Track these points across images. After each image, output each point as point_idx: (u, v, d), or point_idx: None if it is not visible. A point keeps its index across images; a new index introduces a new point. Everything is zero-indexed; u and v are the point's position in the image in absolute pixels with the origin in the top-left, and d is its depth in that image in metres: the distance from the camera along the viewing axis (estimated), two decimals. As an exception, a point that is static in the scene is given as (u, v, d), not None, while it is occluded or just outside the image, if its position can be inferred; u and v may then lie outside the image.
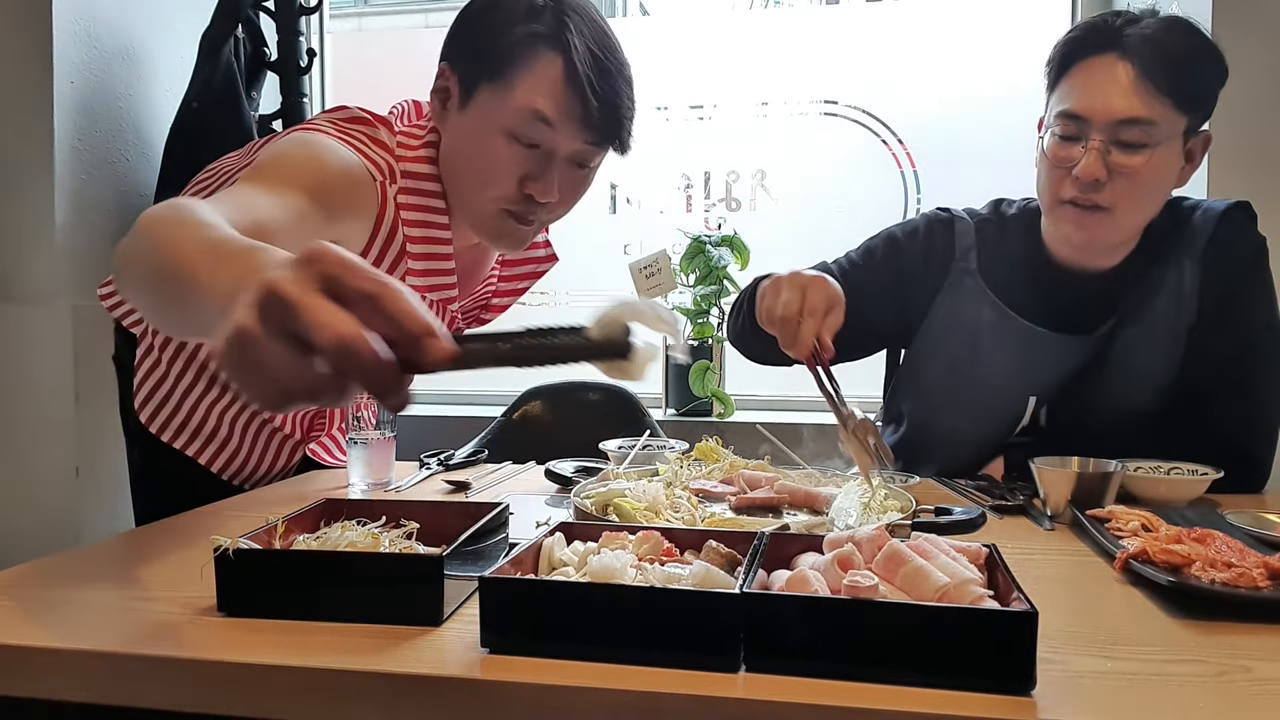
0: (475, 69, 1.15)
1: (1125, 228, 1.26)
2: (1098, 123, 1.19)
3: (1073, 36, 1.26)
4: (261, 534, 0.78)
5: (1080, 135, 1.21)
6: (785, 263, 1.26)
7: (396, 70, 2.55)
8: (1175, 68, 1.17)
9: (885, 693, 0.59)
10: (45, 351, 1.59)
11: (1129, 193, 1.21)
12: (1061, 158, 1.23)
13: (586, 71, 1.11)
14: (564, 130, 1.14)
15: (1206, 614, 0.75)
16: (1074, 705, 0.59)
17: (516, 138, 1.14)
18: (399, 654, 0.67)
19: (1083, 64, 1.22)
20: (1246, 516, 0.99)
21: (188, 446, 1.33)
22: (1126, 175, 1.19)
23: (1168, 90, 1.17)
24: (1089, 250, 1.30)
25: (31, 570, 0.89)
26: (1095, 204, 1.21)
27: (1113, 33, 1.21)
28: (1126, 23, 1.21)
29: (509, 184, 1.16)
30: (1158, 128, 1.18)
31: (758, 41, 2.43)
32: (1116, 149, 1.19)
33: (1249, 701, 0.60)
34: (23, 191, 1.60)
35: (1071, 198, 1.23)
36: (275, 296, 0.51)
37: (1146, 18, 1.22)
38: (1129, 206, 1.22)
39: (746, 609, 0.63)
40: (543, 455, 1.40)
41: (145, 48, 1.80)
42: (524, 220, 1.20)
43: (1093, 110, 1.19)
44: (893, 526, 0.83)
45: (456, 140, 1.19)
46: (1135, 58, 1.18)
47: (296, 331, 0.50)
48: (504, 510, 0.89)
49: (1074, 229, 1.26)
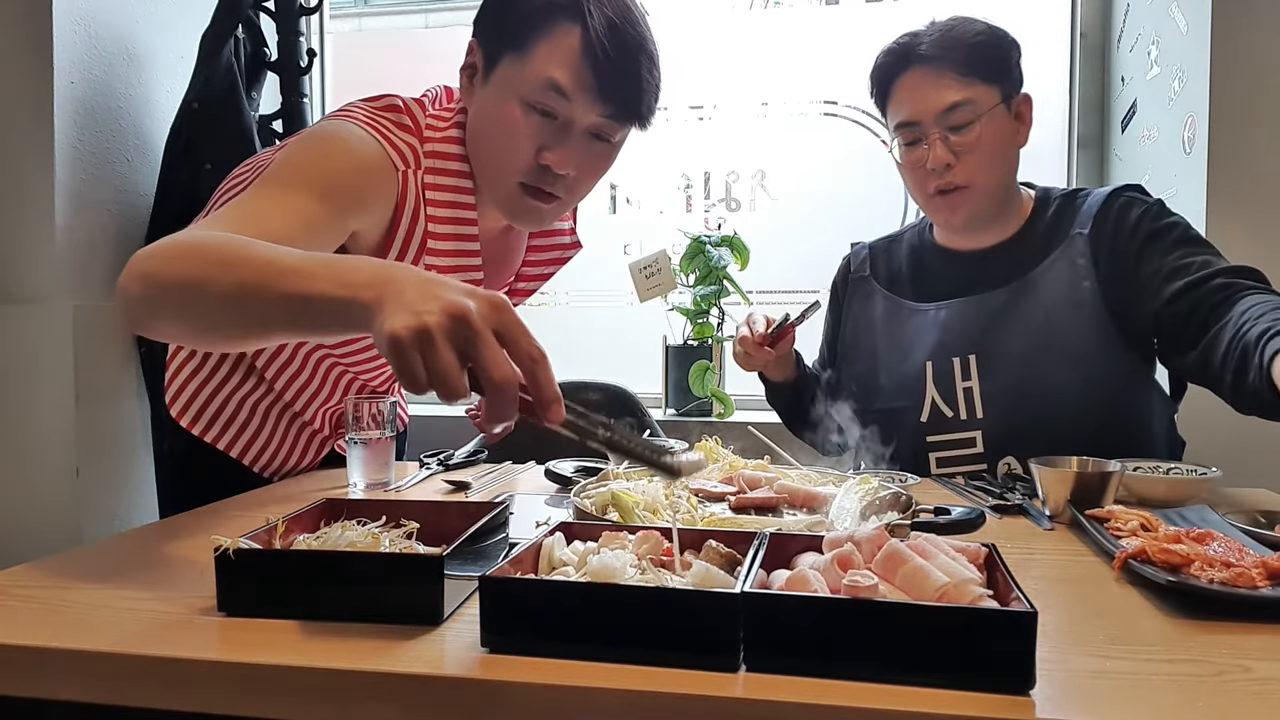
0: (497, 41, 1.17)
1: (989, 194, 1.41)
2: (927, 120, 1.38)
3: (880, 64, 1.45)
4: (261, 534, 0.79)
5: (919, 137, 1.39)
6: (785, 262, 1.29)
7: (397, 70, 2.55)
8: (965, 53, 1.37)
9: (885, 693, 0.59)
10: (45, 351, 1.59)
11: (977, 163, 1.38)
12: (913, 161, 1.41)
13: (603, 42, 1.11)
14: (580, 101, 1.14)
15: (1205, 614, 0.75)
16: (1073, 705, 0.59)
17: (533, 106, 1.15)
18: (399, 654, 0.67)
19: (897, 84, 1.42)
20: (1246, 516, 0.99)
21: (219, 440, 1.36)
22: (968, 151, 1.37)
23: (967, 71, 1.36)
24: (969, 228, 1.45)
25: (31, 570, 0.89)
26: (954, 185, 1.39)
27: (907, 52, 1.41)
28: (914, 40, 1.41)
29: (526, 153, 1.16)
30: (975, 104, 1.36)
31: (758, 41, 2.43)
32: (951, 134, 1.37)
33: (1248, 701, 0.60)
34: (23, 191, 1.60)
35: (935, 188, 1.40)
36: (468, 324, 0.68)
37: (928, 29, 1.41)
38: (983, 174, 1.39)
39: (746, 609, 0.63)
40: (543, 455, 1.40)
41: (145, 48, 1.80)
42: (544, 195, 1.20)
43: (919, 112, 1.38)
44: (892, 526, 0.83)
45: (479, 112, 1.20)
46: (932, 61, 1.38)
47: (468, 353, 0.68)
48: (504, 510, 0.89)
49: (948, 213, 1.43)
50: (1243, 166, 1.70)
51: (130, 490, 1.69)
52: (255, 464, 1.40)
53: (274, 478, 1.43)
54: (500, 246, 1.37)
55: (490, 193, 1.23)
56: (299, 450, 1.45)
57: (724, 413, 2.22)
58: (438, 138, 1.21)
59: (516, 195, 1.20)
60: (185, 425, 1.34)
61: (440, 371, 0.67)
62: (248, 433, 1.38)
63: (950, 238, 1.51)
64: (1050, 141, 2.27)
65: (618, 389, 1.93)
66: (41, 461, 1.59)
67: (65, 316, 1.59)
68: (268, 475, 1.42)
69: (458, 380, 0.68)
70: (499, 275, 1.41)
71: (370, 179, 1.13)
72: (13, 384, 1.60)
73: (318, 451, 1.48)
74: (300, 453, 1.45)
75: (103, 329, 1.64)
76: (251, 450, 1.39)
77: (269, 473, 1.42)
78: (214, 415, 1.36)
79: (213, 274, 0.84)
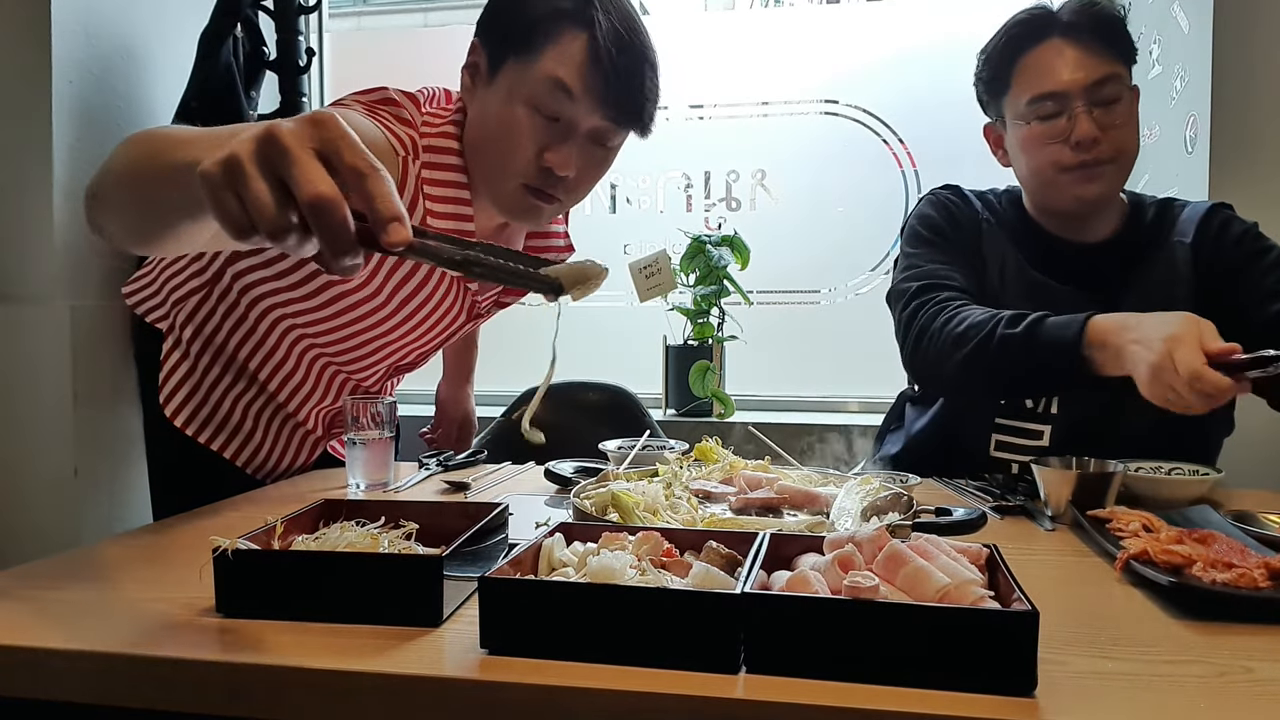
0: (503, 43, 1.18)
1: (1124, 176, 1.37)
2: (1075, 91, 1.31)
3: (1011, 34, 1.38)
4: (260, 534, 0.78)
5: (1061, 110, 1.32)
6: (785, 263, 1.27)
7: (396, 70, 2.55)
8: (1109, 30, 1.34)
9: (885, 693, 0.59)
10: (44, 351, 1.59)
11: (1121, 141, 1.33)
12: (1051, 133, 1.34)
13: (609, 47, 1.13)
14: (584, 103, 1.16)
15: (1207, 614, 0.75)
16: (1075, 706, 0.58)
17: (538, 109, 1.16)
18: (399, 654, 0.67)
19: (1031, 53, 1.35)
20: (1247, 517, 0.99)
21: (212, 441, 1.36)
22: (1115, 127, 1.32)
23: (1113, 48, 1.33)
24: (1097, 208, 1.38)
25: (31, 570, 0.89)
26: (1097, 159, 1.32)
27: (1047, 21, 1.35)
28: (1050, 13, 1.36)
29: (528, 155, 1.18)
30: (1121, 80, 1.33)
31: (758, 41, 2.43)
32: (1098, 109, 1.31)
33: (1250, 702, 0.60)
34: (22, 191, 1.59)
35: (1076, 163, 1.32)
36: (276, 142, 0.60)
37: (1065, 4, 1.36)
38: (1124, 153, 1.34)
39: (746, 609, 0.63)
40: (543, 455, 1.40)
41: (145, 47, 1.80)
42: (544, 196, 1.22)
43: (1067, 83, 1.31)
44: (893, 527, 0.83)
45: (482, 112, 1.21)
46: (1077, 33, 1.33)
47: (283, 177, 0.60)
48: (504, 510, 0.89)
49: (1084, 185, 1.34)
50: (1244, 166, 1.70)
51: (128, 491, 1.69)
52: (248, 465, 1.39)
53: (266, 479, 1.42)
54: (497, 239, 1.37)
55: (491, 192, 1.24)
56: (291, 451, 1.45)
57: (724, 413, 2.22)
58: (434, 133, 1.22)
59: (519, 195, 1.21)
60: (179, 425, 1.34)
61: (252, 199, 0.60)
62: (241, 434, 1.37)
63: (1056, 222, 1.42)
64: (1051, 141, 2.27)
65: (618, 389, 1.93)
66: (39, 462, 1.59)
67: (63, 317, 1.59)
68: (260, 477, 1.41)
69: (269, 207, 0.60)
70: None
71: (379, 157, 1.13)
72: (10, 385, 1.60)
73: (310, 453, 1.47)
74: (293, 454, 1.45)
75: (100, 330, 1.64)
76: (245, 451, 1.38)
77: (262, 474, 1.42)
78: (207, 416, 1.35)
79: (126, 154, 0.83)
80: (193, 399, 1.34)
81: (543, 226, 1.35)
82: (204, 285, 1.34)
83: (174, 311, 1.35)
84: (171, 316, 1.36)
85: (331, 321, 1.31)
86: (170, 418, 1.34)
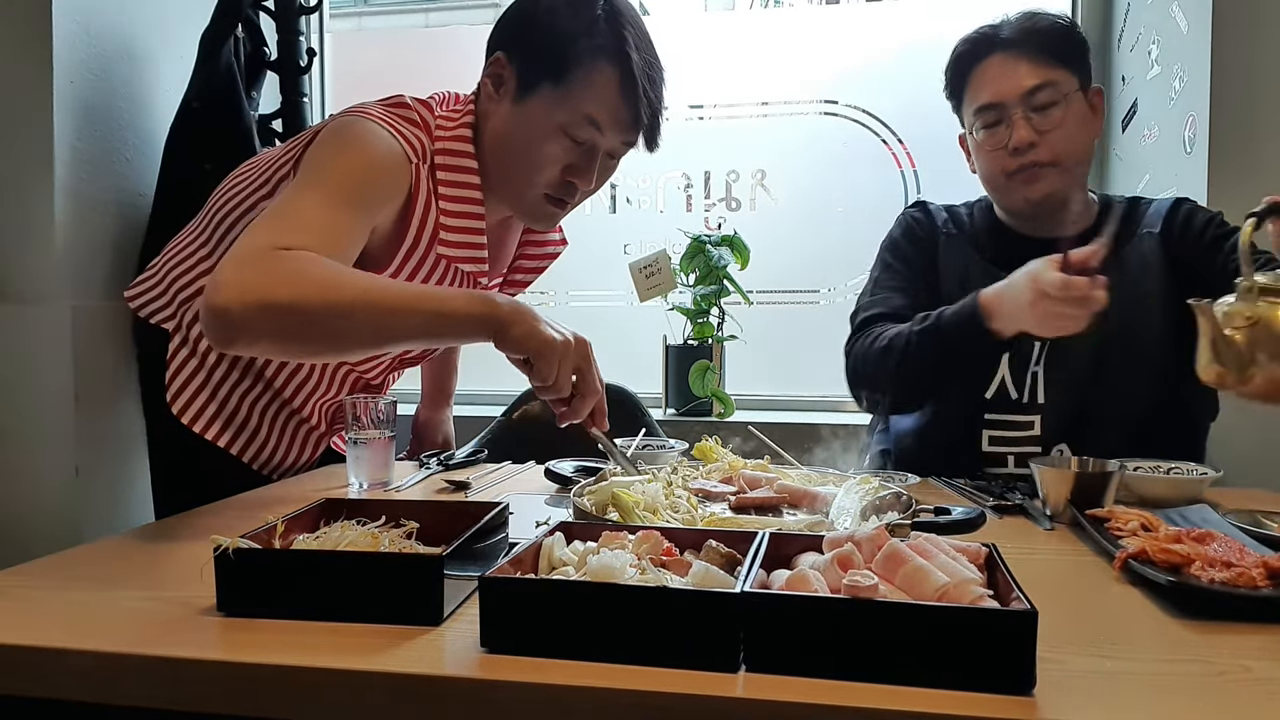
0: (536, 68, 1.24)
1: (1069, 174, 1.42)
2: (1011, 100, 1.40)
3: (960, 53, 1.48)
4: (261, 534, 0.79)
5: (1001, 118, 1.41)
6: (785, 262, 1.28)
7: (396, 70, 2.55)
8: (1045, 39, 1.41)
9: (885, 693, 0.59)
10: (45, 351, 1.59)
11: (1060, 142, 1.39)
12: (993, 141, 1.43)
13: (644, 84, 1.23)
14: (611, 132, 1.25)
15: (1206, 614, 0.75)
16: (1074, 705, 0.59)
17: (569, 136, 1.24)
18: (399, 654, 0.67)
19: (977, 69, 1.45)
20: (1246, 516, 0.99)
21: (219, 437, 1.37)
22: (1051, 130, 1.39)
23: (1050, 56, 1.40)
24: (1047, 205, 1.43)
25: (31, 570, 0.89)
26: (1035, 163, 1.40)
27: (988, 39, 1.44)
28: (994, 29, 1.45)
29: (554, 172, 1.27)
30: (1058, 85, 1.39)
31: (758, 41, 2.43)
32: (1034, 114, 1.39)
33: (1249, 701, 0.60)
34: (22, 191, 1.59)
35: (1016, 166, 1.41)
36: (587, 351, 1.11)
37: (1007, 21, 1.45)
38: (1066, 153, 1.40)
39: (746, 609, 0.63)
40: (543, 455, 1.40)
41: (145, 48, 1.80)
42: (560, 203, 1.32)
43: (1002, 93, 1.41)
44: (892, 526, 0.83)
45: (510, 127, 1.28)
46: (1014, 46, 1.41)
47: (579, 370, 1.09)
48: (504, 510, 0.89)
49: (1027, 187, 1.42)
50: (1243, 166, 1.70)
51: (130, 490, 1.69)
52: (254, 461, 1.41)
53: (272, 475, 1.43)
54: (497, 238, 1.43)
55: (511, 197, 1.32)
56: (296, 447, 1.46)
57: (724, 413, 2.22)
58: (447, 136, 1.27)
59: (539, 203, 1.30)
60: (187, 423, 1.34)
61: (564, 376, 1.05)
62: (247, 430, 1.39)
63: (1023, 223, 1.49)
64: (1050, 141, 2.27)
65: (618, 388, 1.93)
66: (40, 462, 1.59)
67: (64, 317, 1.59)
68: (266, 473, 1.43)
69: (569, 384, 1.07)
70: (496, 263, 1.46)
71: (390, 175, 1.20)
72: (12, 385, 1.60)
73: (314, 449, 1.49)
74: (298, 450, 1.46)
75: (102, 330, 1.64)
76: (251, 447, 1.40)
77: (267, 470, 1.43)
78: (215, 413, 1.37)
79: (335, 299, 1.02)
80: (200, 396, 1.36)
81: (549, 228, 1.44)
82: None
83: (181, 310, 1.36)
84: (178, 316, 1.37)
85: None
86: (178, 415, 1.35)
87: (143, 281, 1.43)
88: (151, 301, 1.40)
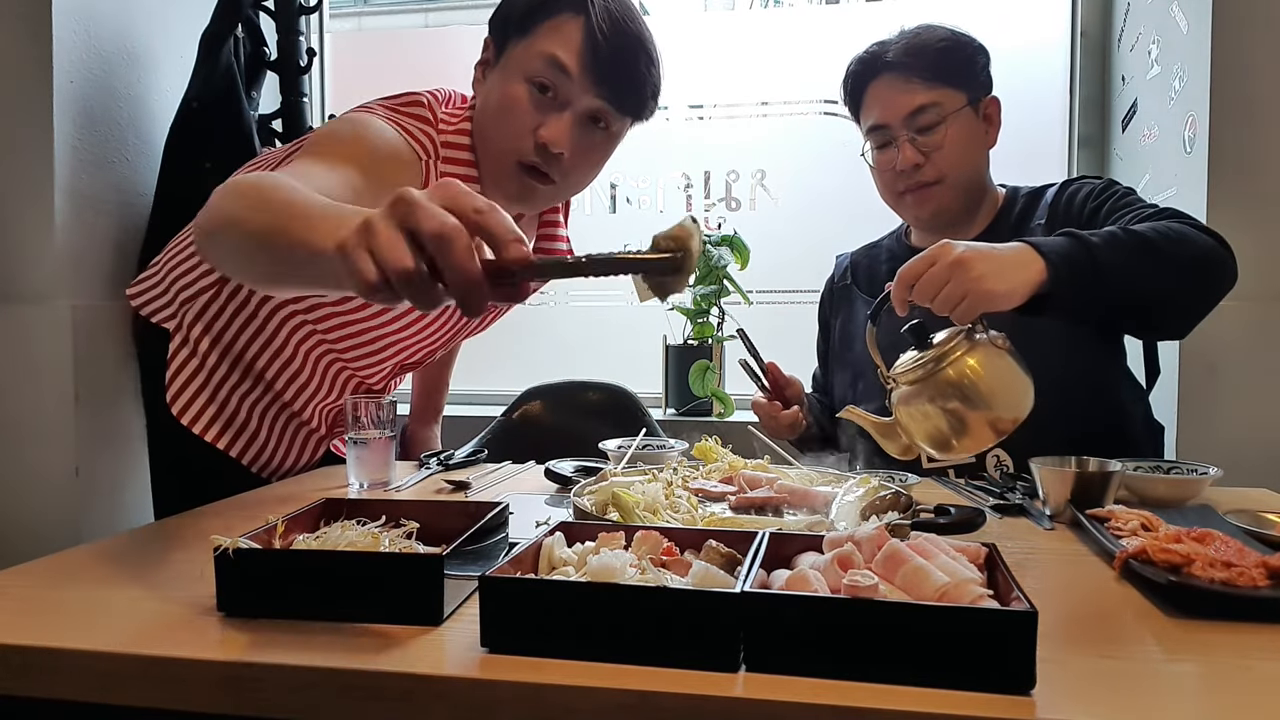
0: (504, 31, 1.25)
1: (957, 190, 1.46)
2: (895, 123, 1.44)
3: (851, 73, 1.51)
4: (261, 534, 0.79)
5: (889, 140, 1.46)
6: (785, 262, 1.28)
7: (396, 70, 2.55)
8: (930, 59, 1.43)
9: (885, 692, 0.59)
10: (45, 351, 1.59)
11: (945, 160, 1.43)
12: (884, 162, 1.48)
13: (602, 27, 1.19)
14: (579, 80, 1.21)
15: (1206, 613, 0.75)
16: (1073, 705, 0.59)
17: (533, 82, 1.21)
18: (399, 653, 0.67)
19: (867, 91, 1.49)
20: (1246, 516, 0.99)
21: (219, 439, 1.37)
22: (936, 149, 1.43)
23: (932, 76, 1.42)
24: (938, 223, 1.49)
25: (31, 570, 0.89)
26: (922, 183, 1.45)
27: (874, 60, 1.47)
28: (881, 49, 1.47)
29: (524, 130, 1.22)
30: (940, 106, 1.42)
31: (758, 41, 2.43)
32: (919, 135, 1.43)
33: (1249, 701, 0.60)
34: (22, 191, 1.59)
35: (905, 187, 1.46)
36: (403, 200, 0.65)
37: (895, 38, 1.47)
38: (952, 170, 1.44)
39: (746, 608, 0.63)
40: (543, 455, 1.40)
41: (145, 48, 1.80)
42: (538, 175, 1.26)
43: (887, 116, 1.45)
44: (892, 526, 0.83)
45: (485, 95, 1.27)
46: (898, 68, 1.44)
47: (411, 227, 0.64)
48: (504, 510, 0.89)
49: (917, 208, 1.48)
50: (1243, 166, 1.70)
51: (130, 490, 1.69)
52: (254, 464, 1.40)
53: (271, 478, 1.43)
54: None
55: (491, 175, 1.28)
56: (295, 450, 1.46)
57: (724, 412, 2.22)
58: (450, 130, 1.27)
59: (514, 174, 1.25)
60: (187, 423, 1.34)
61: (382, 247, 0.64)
62: (246, 432, 1.39)
63: (925, 237, 1.54)
64: (1051, 141, 2.27)
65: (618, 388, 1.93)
66: (41, 461, 1.59)
67: (64, 316, 1.59)
68: (265, 475, 1.43)
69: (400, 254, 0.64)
70: None
71: (403, 164, 1.19)
72: (12, 384, 1.60)
73: (314, 451, 1.49)
74: (297, 453, 1.46)
75: (102, 329, 1.64)
76: (251, 450, 1.39)
77: (266, 473, 1.43)
78: (214, 415, 1.36)
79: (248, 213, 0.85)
80: (199, 397, 1.35)
81: (537, 208, 1.39)
82: (214, 284, 1.35)
83: (182, 310, 1.36)
84: (179, 316, 1.37)
85: (346, 317, 1.33)
86: (178, 416, 1.35)
87: (144, 280, 1.43)
88: (153, 300, 1.40)
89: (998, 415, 1.01)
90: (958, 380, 1.01)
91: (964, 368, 1.02)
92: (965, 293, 1.04)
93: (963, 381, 1.01)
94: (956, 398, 1.01)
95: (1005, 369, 1.03)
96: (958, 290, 1.04)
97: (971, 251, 1.05)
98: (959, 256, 1.04)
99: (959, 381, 1.01)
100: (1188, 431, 1.70)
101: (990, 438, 1.03)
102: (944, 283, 1.04)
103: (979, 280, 1.03)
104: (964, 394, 1.01)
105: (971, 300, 1.04)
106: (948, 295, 1.04)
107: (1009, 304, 1.07)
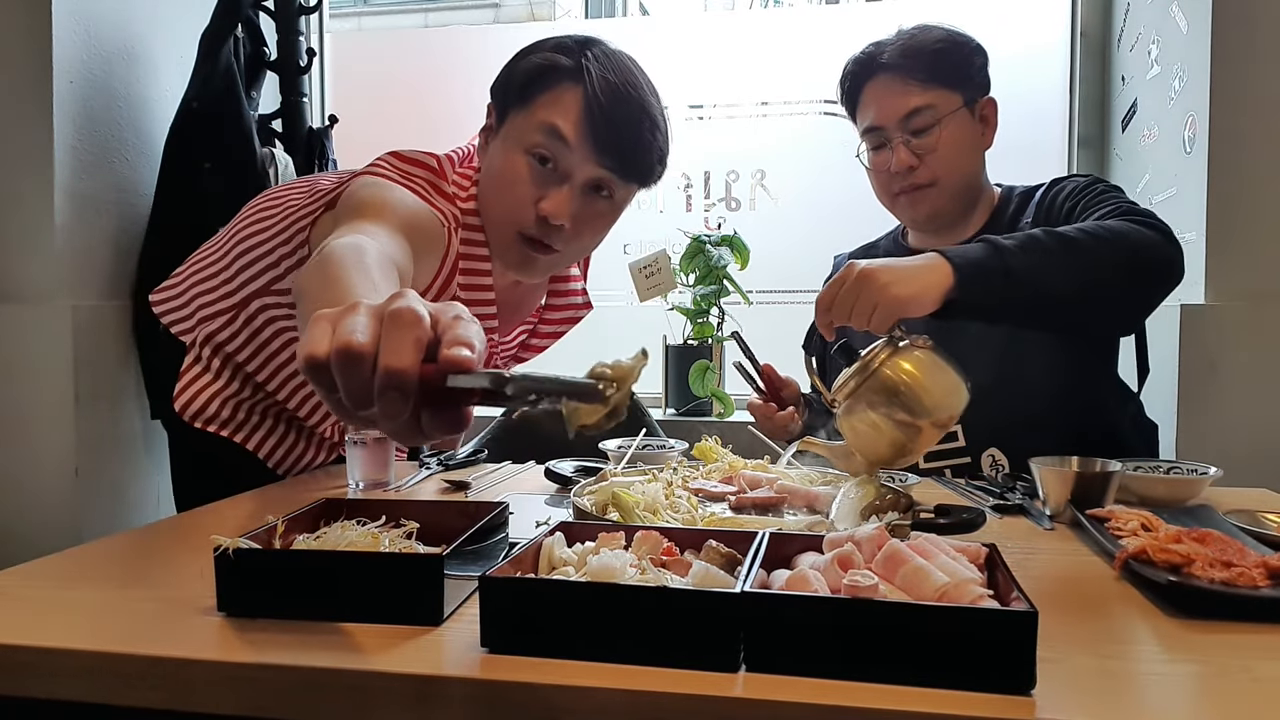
0: (504, 100, 1.25)
1: (951, 191, 1.46)
2: (890, 124, 1.44)
3: (847, 73, 1.50)
4: (261, 534, 0.78)
5: (884, 142, 1.45)
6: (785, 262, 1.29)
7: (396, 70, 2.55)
8: (926, 60, 1.42)
9: (885, 693, 0.59)
10: (45, 351, 1.59)
11: (940, 163, 1.43)
12: (879, 163, 1.48)
13: (599, 98, 1.19)
14: (579, 151, 1.20)
15: (1206, 614, 0.75)
16: (1073, 705, 0.58)
17: (533, 154, 1.21)
18: (399, 653, 0.67)
19: (863, 92, 1.48)
20: (1246, 516, 0.99)
21: (234, 435, 1.38)
22: (931, 152, 1.43)
23: (928, 77, 1.42)
24: (933, 224, 1.50)
25: (31, 570, 0.89)
26: (917, 185, 1.44)
27: (870, 61, 1.47)
28: (877, 49, 1.46)
29: (525, 202, 1.22)
30: (935, 108, 1.42)
31: (758, 41, 2.43)
32: (914, 137, 1.43)
33: (1249, 701, 0.60)
34: (22, 191, 1.59)
35: (899, 189, 1.46)
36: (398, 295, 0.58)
37: (891, 39, 1.46)
38: (946, 173, 1.44)
39: (746, 608, 0.63)
40: (543, 455, 1.40)
41: (145, 48, 1.80)
42: (539, 247, 1.26)
43: (883, 118, 1.44)
44: (892, 526, 0.83)
45: (488, 165, 1.27)
46: (894, 69, 1.43)
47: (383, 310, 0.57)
48: (504, 510, 0.89)
49: (912, 210, 1.48)
50: (1243, 166, 1.70)
51: (129, 490, 1.69)
52: (270, 459, 1.41)
53: (287, 475, 1.44)
54: (513, 294, 1.43)
55: (494, 244, 1.28)
56: (313, 448, 1.47)
57: (724, 412, 2.22)
58: (464, 197, 1.27)
59: (515, 245, 1.26)
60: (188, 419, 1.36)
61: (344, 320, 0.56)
62: (260, 432, 1.40)
63: (921, 238, 1.55)
64: (1051, 141, 2.27)
65: (617, 389, 1.93)
66: (41, 461, 1.59)
67: (64, 317, 1.59)
68: (282, 472, 1.43)
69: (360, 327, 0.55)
70: (511, 321, 1.47)
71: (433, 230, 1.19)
72: (12, 384, 1.60)
73: (330, 450, 1.50)
74: (315, 450, 1.48)
75: (102, 330, 1.64)
76: (265, 446, 1.41)
77: (283, 469, 1.44)
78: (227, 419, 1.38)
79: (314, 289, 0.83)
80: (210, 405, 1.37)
81: (539, 278, 1.39)
82: (231, 309, 1.36)
83: (199, 327, 1.38)
84: (195, 331, 1.38)
85: None
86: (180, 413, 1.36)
87: (168, 289, 1.43)
88: (173, 311, 1.41)
89: (930, 411, 1.02)
90: (885, 384, 1.03)
91: (888, 371, 1.03)
92: (875, 302, 1.08)
93: (889, 384, 1.03)
94: (886, 402, 1.02)
95: (930, 366, 1.04)
96: (868, 301, 1.09)
97: (876, 265, 1.11)
98: (864, 271, 1.10)
99: (886, 385, 1.03)
100: (1187, 431, 1.70)
101: (932, 434, 1.04)
102: (855, 297, 1.10)
103: (885, 288, 1.08)
104: (894, 395, 1.02)
105: (883, 308, 1.09)
106: (861, 308, 1.10)
107: (921, 308, 1.11)
